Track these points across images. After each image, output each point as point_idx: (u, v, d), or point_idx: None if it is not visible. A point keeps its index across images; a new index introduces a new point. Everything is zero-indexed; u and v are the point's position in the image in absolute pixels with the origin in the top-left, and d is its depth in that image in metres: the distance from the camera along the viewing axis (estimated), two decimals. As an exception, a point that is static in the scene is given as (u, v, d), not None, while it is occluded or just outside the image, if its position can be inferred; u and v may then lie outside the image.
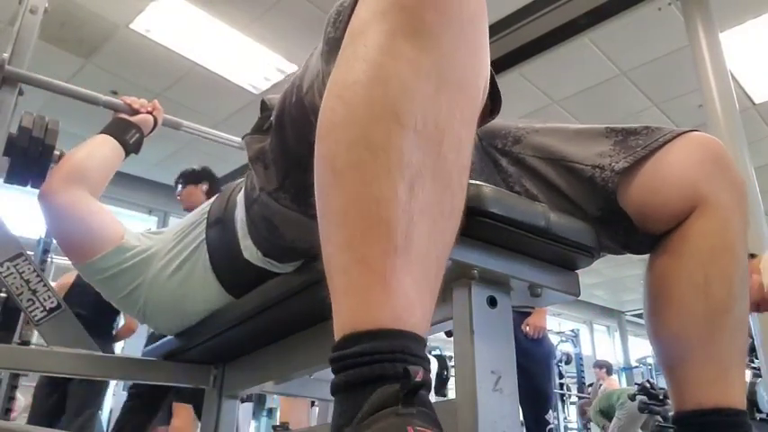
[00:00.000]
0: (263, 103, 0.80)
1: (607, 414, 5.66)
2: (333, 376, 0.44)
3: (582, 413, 7.19)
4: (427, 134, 0.44)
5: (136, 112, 1.35)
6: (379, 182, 0.43)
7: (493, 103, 0.61)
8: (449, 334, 0.72)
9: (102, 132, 1.28)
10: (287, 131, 0.70)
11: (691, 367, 0.69)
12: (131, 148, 1.30)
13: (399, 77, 0.45)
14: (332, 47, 0.56)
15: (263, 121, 0.79)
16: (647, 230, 0.73)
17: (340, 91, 0.47)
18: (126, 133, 1.29)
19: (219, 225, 0.96)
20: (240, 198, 0.90)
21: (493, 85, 0.59)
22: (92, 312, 3.40)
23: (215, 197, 1.06)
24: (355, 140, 0.45)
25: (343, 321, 0.43)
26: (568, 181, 0.75)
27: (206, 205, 1.05)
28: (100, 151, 1.22)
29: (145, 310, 1.05)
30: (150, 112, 1.37)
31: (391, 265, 0.42)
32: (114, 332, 3.86)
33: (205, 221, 1.01)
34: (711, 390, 0.67)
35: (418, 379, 0.39)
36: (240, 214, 0.89)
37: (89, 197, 1.11)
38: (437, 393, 6.16)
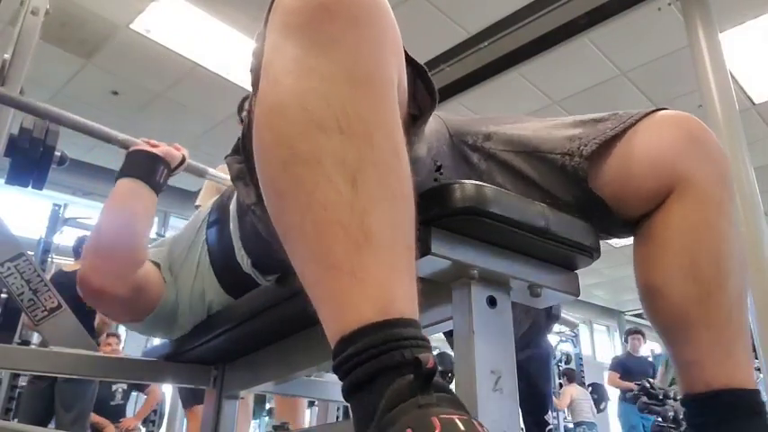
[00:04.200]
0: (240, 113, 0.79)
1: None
2: (332, 376, 0.44)
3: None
4: (354, 130, 0.46)
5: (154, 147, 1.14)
6: (321, 188, 0.44)
7: (431, 95, 0.63)
8: (449, 334, 0.72)
9: (125, 175, 1.03)
10: (247, 149, 0.70)
11: (693, 350, 0.69)
12: (161, 189, 1.06)
13: (311, 90, 0.47)
14: (255, 79, 0.58)
15: (238, 142, 0.79)
16: (625, 215, 0.72)
17: (262, 119, 0.49)
18: (154, 173, 1.05)
19: (217, 227, 0.98)
20: (233, 207, 0.92)
21: (426, 80, 0.62)
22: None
23: (216, 198, 1.06)
24: (288, 159, 0.46)
25: (333, 329, 0.44)
26: (541, 171, 0.75)
27: (207, 207, 1.07)
28: (136, 211, 1.00)
29: (176, 326, 1.05)
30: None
31: (358, 261, 0.43)
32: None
33: (206, 223, 1.02)
34: (718, 371, 0.67)
35: (429, 366, 0.39)
36: (234, 223, 0.91)
37: (140, 275, 0.96)
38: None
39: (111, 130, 1.28)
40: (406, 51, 0.59)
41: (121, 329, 5.49)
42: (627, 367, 5.81)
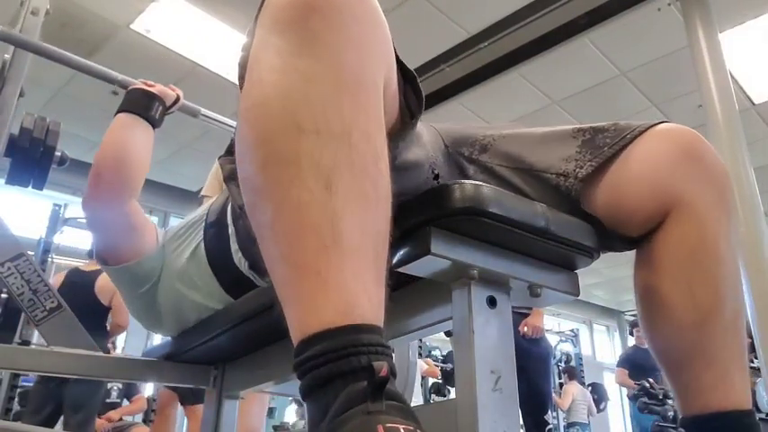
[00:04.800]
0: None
1: None
2: None
3: None
4: (332, 133, 0.46)
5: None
6: (296, 189, 0.44)
7: (418, 99, 0.63)
8: (448, 334, 0.72)
9: (122, 110, 1.14)
10: None
11: (689, 372, 0.69)
12: (158, 124, 1.18)
13: (294, 89, 0.47)
14: (241, 73, 0.58)
15: (232, 142, 0.79)
16: (622, 234, 0.72)
17: (244, 115, 0.49)
18: (149, 108, 1.16)
19: (216, 228, 0.97)
20: (229, 211, 0.92)
21: (415, 85, 0.61)
22: (82, 312, 3.39)
23: (218, 196, 1.06)
24: (266, 158, 0.46)
25: (295, 329, 0.45)
26: (536, 189, 0.74)
27: (207, 206, 1.06)
28: (133, 141, 1.09)
29: (161, 311, 1.06)
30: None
31: (325, 263, 0.43)
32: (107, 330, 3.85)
33: (204, 222, 1.02)
34: (714, 394, 0.67)
35: (383, 374, 0.39)
36: (231, 227, 0.91)
37: (134, 210, 1.05)
38: (438, 394, 6.16)
39: (110, 70, 1.40)
40: (397, 55, 0.58)
41: (120, 339, 5.50)
42: (635, 362, 5.57)
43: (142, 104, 1.16)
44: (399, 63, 0.59)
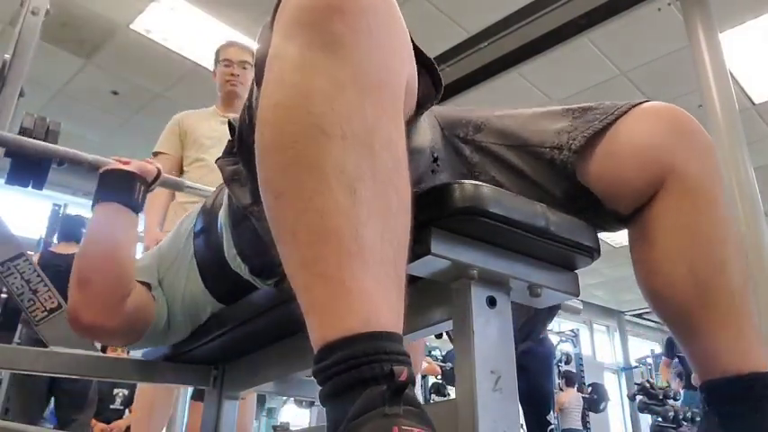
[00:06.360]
0: (229, 124, 0.78)
1: None
2: None
3: None
4: (357, 139, 0.45)
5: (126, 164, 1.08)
6: (320, 195, 0.44)
7: (436, 87, 0.62)
8: (449, 334, 0.72)
9: (102, 199, 1.00)
10: (245, 145, 0.69)
11: (701, 339, 0.69)
12: (141, 208, 1.02)
13: (318, 92, 0.46)
14: (258, 76, 0.57)
15: (231, 144, 0.77)
16: (617, 208, 0.72)
17: (266, 115, 0.48)
18: (132, 192, 1.01)
19: (205, 237, 0.96)
20: (223, 217, 0.90)
21: (432, 72, 0.61)
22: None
23: (206, 200, 1.03)
24: (288, 161, 0.46)
25: (317, 335, 0.44)
26: (532, 165, 0.75)
27: (192, 217, 1.04)
28: (119, 237, 0.95)
29: (168, 333, 1.05)
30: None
31: (349, 271, 0.43)
32: None
33: (192, 234, 1.00)
34: (731, 357, 0.66)
35: (402, 378, 0.40)
36: (226, 232, 0.88)
37: (131, 307, 0.93)
38: (438, 394, 6.16)
39: (79, 151, 1.23)
40: (414, 43, 0.57)
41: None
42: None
43: (122, 189, 1.01)
44: (416, 50, 0.58)
